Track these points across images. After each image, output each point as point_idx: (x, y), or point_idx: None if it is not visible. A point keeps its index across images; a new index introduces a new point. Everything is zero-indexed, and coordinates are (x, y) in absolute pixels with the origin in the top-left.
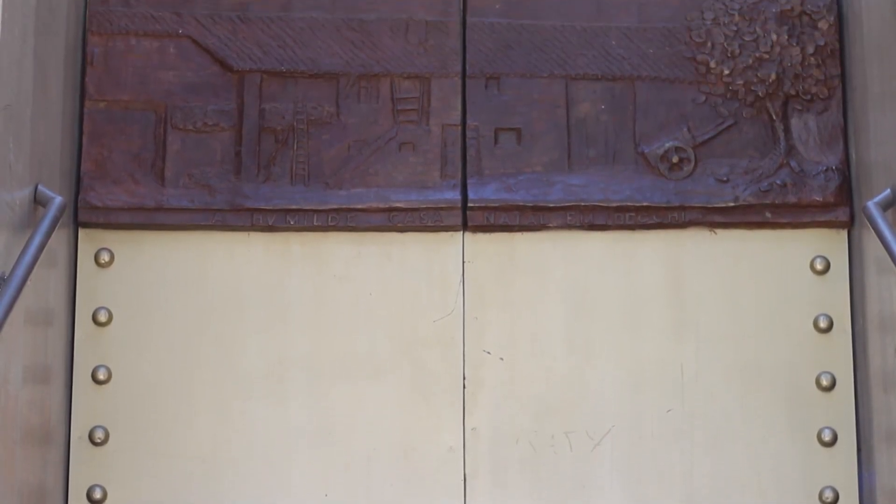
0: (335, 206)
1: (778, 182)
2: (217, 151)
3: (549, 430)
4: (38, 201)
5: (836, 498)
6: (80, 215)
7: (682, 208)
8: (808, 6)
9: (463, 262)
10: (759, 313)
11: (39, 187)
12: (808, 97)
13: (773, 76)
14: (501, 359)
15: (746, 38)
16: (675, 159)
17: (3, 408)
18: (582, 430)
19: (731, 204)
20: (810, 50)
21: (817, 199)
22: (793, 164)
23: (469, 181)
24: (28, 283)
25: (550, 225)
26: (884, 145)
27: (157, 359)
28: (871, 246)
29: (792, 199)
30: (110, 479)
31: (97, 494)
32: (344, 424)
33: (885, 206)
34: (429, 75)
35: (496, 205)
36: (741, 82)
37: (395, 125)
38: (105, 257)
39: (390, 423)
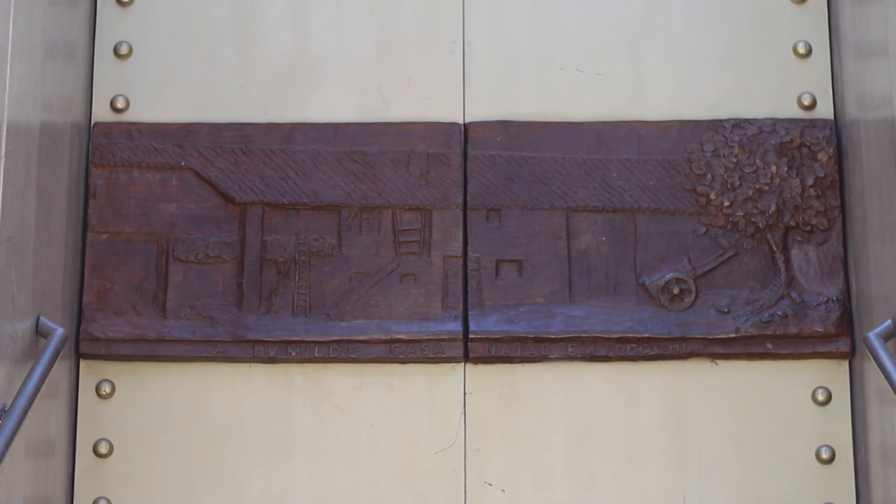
0: (337, 338)
1: (779, 313)
2: (219, 283)
3: None
4: (39, 332)
5: None
6: (82, 346)
7: (684, 339)
8: (808, 138)
9: (464, 393)
10: (761, 444)
11: (41, 318)
12: (809, 228)
13: (774, 207)
14: (503, 490)
15: (746, 170)
16: (675, 290)
17: None
18: None
19: (733, 335)
20: (810, 181)
21: (818, 329)
22: (794, 294)
23: (470, 312)
24: (29, 414)
25: (552, 356)
26: (884, 276)
27: (158, 491)
28: (873, 377)
29: (793, 329)
30: None
31: None
32: None
33: (886, 337)
34: (430, 207)
35: (497, 336)
36: (741, 214)
37: (396, 257)
38: (106, 389)
39: None
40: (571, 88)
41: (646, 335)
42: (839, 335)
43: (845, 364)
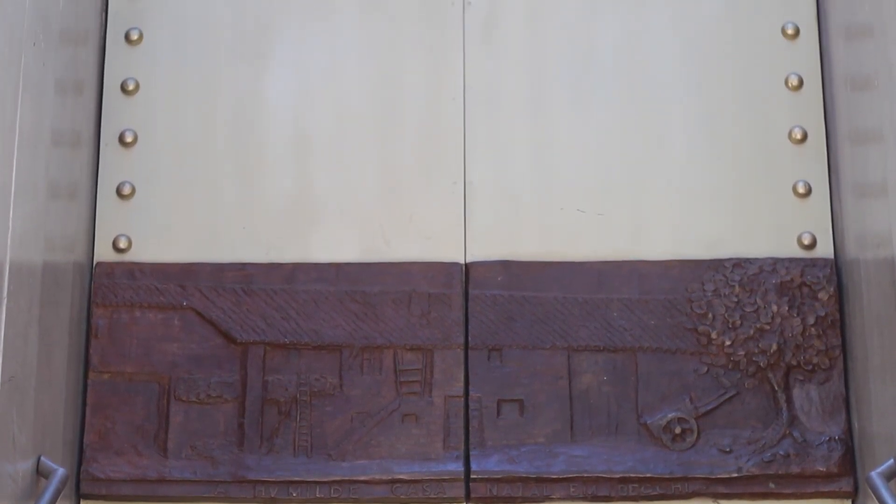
0: (338, 478)
1: (781, 452)
2: (220, 423)
3: None
4: (40, 473)
5: None
6: (83, 487)
7: (686, 479)
8: (808, 277)
9: None
10: None
11: (42, 459)
12: (810, 367)
13: (775, 347)
14: None
15: (747, 310)
16: (677, 430)
17: None
18: None
19: (735, 475)
20: (811, 321)
21: (821, 469)
22: (795, 434)
23: (472, 453)
24: None
25: (553, 497)
26: (886, 416)
27: None
28: None
29: (795, 469)
30: None
31: None
32: None
33: (889, 477)
34: (431, 347)
35: (499, 476)
36: (742, 353)
37: (397, 396)
38: None
39: None
40: (572, 228)
41: (648, 475)
42: (842, 474)
43: (848, 503)
